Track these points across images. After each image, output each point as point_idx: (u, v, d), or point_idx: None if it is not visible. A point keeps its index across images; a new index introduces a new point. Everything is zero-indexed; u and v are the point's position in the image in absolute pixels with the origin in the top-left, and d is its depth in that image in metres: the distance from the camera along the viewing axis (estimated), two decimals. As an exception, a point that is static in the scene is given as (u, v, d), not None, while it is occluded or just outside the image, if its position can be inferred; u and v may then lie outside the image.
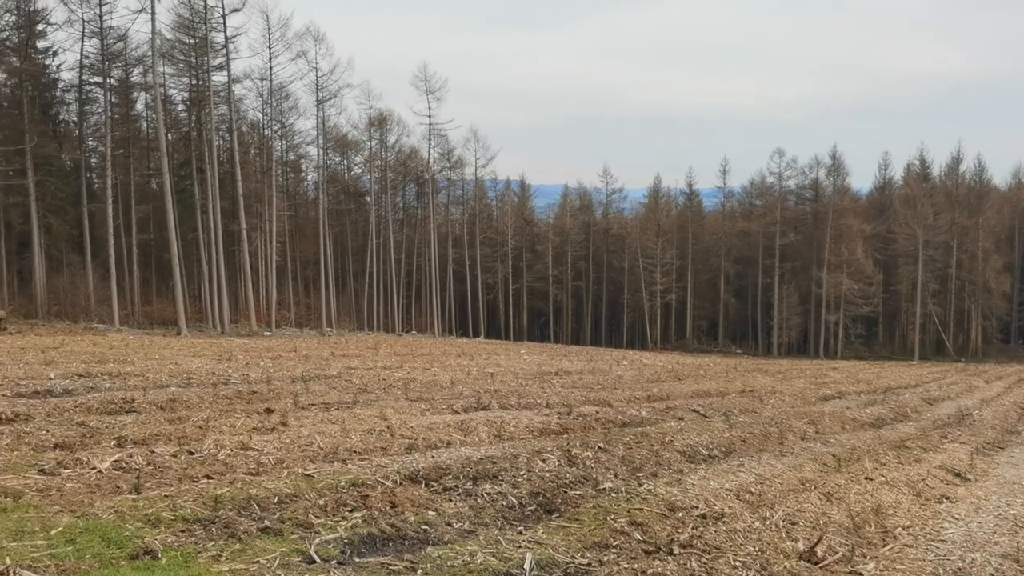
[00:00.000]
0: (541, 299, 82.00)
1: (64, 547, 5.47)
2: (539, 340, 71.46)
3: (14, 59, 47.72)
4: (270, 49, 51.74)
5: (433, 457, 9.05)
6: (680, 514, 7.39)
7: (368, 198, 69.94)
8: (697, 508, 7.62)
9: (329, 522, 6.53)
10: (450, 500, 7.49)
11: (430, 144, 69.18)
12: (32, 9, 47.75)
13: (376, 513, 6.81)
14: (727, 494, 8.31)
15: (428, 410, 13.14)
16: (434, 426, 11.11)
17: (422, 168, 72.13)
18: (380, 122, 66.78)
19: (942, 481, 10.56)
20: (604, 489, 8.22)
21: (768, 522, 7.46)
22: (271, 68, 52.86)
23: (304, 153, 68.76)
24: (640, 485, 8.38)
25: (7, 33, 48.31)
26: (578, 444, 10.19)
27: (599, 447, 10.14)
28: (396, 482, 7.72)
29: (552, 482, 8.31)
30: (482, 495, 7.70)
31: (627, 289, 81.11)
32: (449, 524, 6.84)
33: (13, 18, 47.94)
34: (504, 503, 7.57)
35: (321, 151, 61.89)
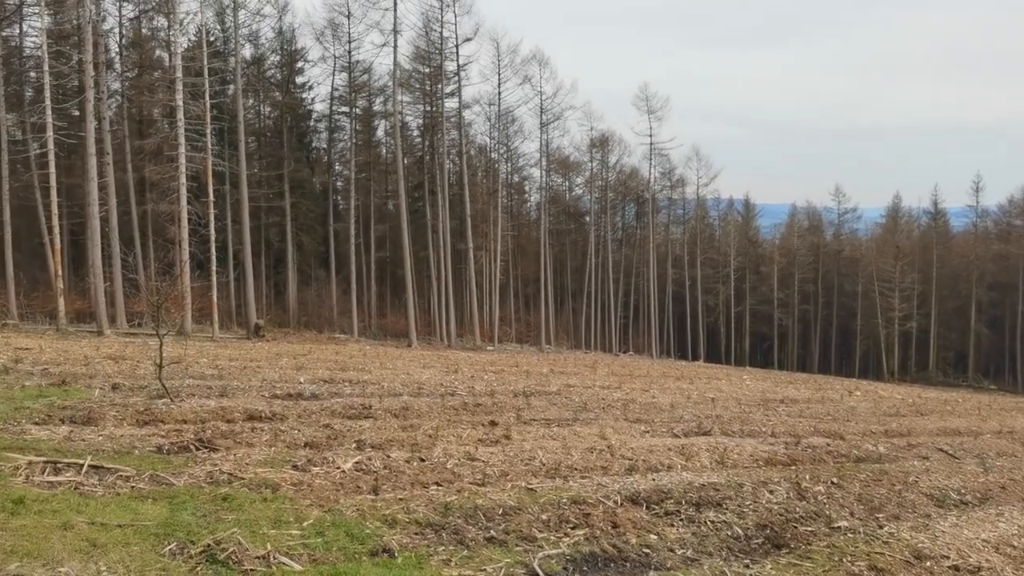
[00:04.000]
0: (765, 323, 78.62)
1: (314, 538, 5.96)
2: (762, 366, 68.38)
3: (277, 94, 53.61)
4: (499, 75, 54.02)
5: (654, 480, 8.91)
6: (928, 563, 6.75)
7: (588, 218, 70.69)
8: (948, 558, 6.93)
9: (552, 537, 6.61)
10: (672, 525, 7.33)
11: (651, 163, 68.87)
12: (293, 49, 53.43)
13: (598, 532, 6.81)
14: (984, 545, 7.49)
15: (648, 432, 12.98)
16: (654, 448, 10.94)
17: (642, 187, 71.90)
18: (601, 143, 67.43)
19: None
20: (839, 528, 7.69)
21: (1036, 582, 6.62)
22: (499, 93, 55.15)
23: (527, 175, 71.02)
24: (880, 527, 7.77)
25: (272, 71, 54.36)
26: (808, 477, 9.62)
27: (831, 482, 9.52)
28: (617, 502, 7.68)
29: (780, 515, 7.90)
30: (705, 522, 7.46)
31: (860, 315, 75.78)
32: (671, 550, 6.70)
33: (277, 58, 53.91)
34: (728, 533, 7.29)
35: (544, 173, 63.49)
